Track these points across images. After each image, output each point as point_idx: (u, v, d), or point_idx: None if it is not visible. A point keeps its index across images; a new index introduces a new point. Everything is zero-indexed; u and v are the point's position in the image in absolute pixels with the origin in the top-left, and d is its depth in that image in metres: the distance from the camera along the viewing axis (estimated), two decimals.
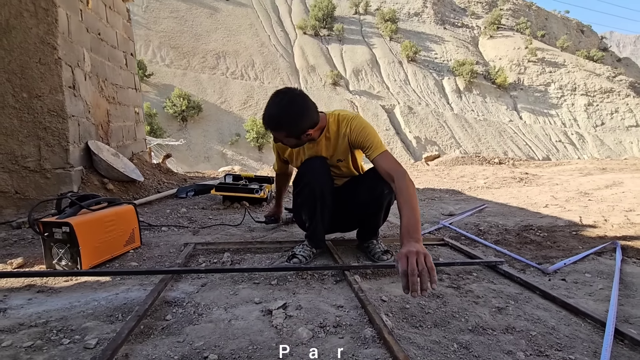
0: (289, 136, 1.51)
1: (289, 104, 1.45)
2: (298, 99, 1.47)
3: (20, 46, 2.37)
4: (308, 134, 1.52)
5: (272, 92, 1.50)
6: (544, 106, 37.03)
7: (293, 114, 1.45)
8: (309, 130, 1.51)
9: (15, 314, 1.21)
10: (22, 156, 2.47)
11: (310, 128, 1.51)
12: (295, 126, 1.47)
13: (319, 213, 1.67)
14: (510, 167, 6.68)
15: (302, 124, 1.48)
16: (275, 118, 1.45)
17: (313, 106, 1.52)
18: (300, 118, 1.47)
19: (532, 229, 2.35)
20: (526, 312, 1.27)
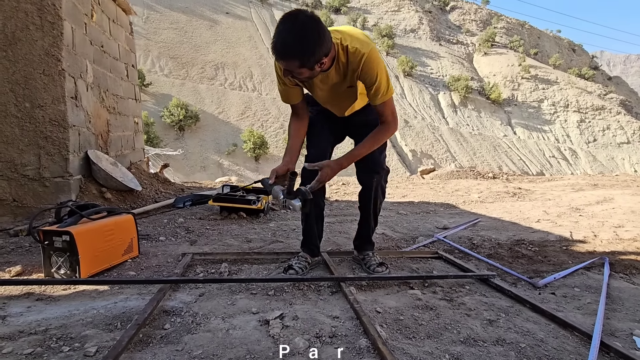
0: (303, 66, 1.33)
1: (302, 29, 1.27)
2: (312, 23, 1.28)
3: (25, 57, 2.42)
4: (322, 62, 1.36)
5: (281, 17, 1.31)
6: (538, 122, 37.69)
7: (307, 40, 1.28)
8: (323, 58, 1.35)
9: (15, 321, 1.23)
10: (22, 164, 2.50)
11: (325, 56, 1.35)
12: (311, 54, 1.30)
13: (312, 220, 1.75)
14: (504, 181, 6.78)
15: (318, 52, 1.31)
16: (288, 45, 1.28)
17: (327, 31, 1.34)
18: (315, 44, 1.29)
19: (524, 243, 2.40)
20: (516, 324, 1.31)
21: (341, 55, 1.45)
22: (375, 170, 1.72)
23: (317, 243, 1.83)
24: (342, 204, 3.95)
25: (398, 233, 2.69)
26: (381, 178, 1.76)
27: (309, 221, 1.76)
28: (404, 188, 5.50)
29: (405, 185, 5.82)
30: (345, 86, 1.54)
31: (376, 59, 1.45)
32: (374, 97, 1.49)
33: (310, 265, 1.79)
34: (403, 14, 45.47)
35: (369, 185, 1.75)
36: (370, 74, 1.45)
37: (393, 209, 3.68)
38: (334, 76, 1.49)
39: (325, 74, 1.48)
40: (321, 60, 1.34)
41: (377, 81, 1.46)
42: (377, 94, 1.48)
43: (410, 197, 4.60)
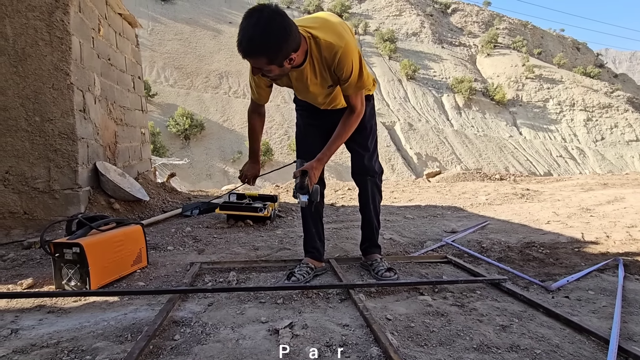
0: (271, 63, 1.29)
1: (268, 23, 1.22)
2: (277, 17, 1.24)
3: (35, 73, 2.47)
4: (291, 58, 1.32)
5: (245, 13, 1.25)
6: (544, 122, 37.35)
7: (273, 35, 1.23)
8: (292, 54, 1.31)
9: (27, 334, 1.24)
10: (32, 177, 2.53)
11: (293, 51, 1.31)
12: (278, 49, 1.26)
13: (309, 221, 1.83)
14: (512, 183, 6.71)
15: (285, 47, 1.27)
16: (254, 42, 1.23)
17: (294, 25, 1.30)
18: (282, 40, 1.25)
19: (534, 245, 2.36)
20: (530, 330, 1.29)
21: (314, 50, 1.40)
22: (370, 174, 1.82)
23: (317, 246, 1.85)
24: (348, 209, 3.94)
25: (406, 238, 2.67)
26: (375, 178, 1.84)
27: (306, 223, 1.85)
28: (410, 192, 5.47)
29: (411, 189, 5.79)
30: (326, 86, 1.53)
31: (351, 53, 1.41)
32: (347, 89, 1.50)
33: (314, 271, 1.78)
34: (404, 18, 45.64)
35: (364, 185, 1.84)
36: (346, 69, 1.42)
37: (400, 213, 3.65)
38: (309, 72, 1.46)
39: (299, 71, 1.44)
40: (289, 55, 1.30)
41: (352, 75, 1.44)
42: (351, 86, 1.48)
43: (416, 201, 4.57)
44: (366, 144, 1.80)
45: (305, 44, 1.38)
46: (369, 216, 1.88)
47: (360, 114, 1.57)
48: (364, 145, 1.79)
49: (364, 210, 1.89)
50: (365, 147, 1.80)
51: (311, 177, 1.46)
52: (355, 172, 1.85)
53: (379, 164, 1.87)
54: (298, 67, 1.43)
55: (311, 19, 1.45)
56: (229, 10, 38.93)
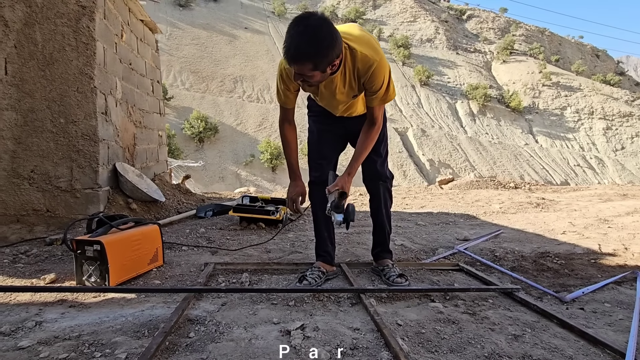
0: (315, 69, 1.33)
1: (315, 31, 1.27)
2: (324, 25, 1.29)
3: (61, 77, 2.58)
4: (334, 64, 1.36)
5: (292, 20, 1.30)
6: (561, 130, 36.55)
7: (321, 43, 1.28)
8: (335, 60, 1.35)
9: (50, 327, 1.29)
10: (56, 177, 2.63)
11: (336, 57, 1.35)
12: (324, 57, 1.30)
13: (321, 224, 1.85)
14: (527, 191, 6.59)
15: (331, 54, 1.32)
16: (301, 49, 1.28)
17: (338, 32, 1.35)
18: (329, 47, 1.30)
19: (549, 256, 2.32)
20: (543, 340, 1.27)
21: (348, 60, 1.45)
22: (382, 179, 1.87)
23: (329, 250, 1.87)
24: (359, 214, 3.94)
25: (417, 244, 2.66)
26: (387, 184, 1.89)
27: (318, 227, 1.87)
28: (422, 198, 5.44)
29: (423, 196, 5.75)
30: (351, 95, 1.58)
31: (384, 68, 1.48)
32: (372, 101, 1.55)
33: (326, 275, 1.80)
34: (419, 24, 45.55)
35: (376, 190, 1.88)
36: (377, 82, 1.48)
37: (412, 220, 3.64)
38: (339, 81, 1.50)
39: (330, 79, 1.47)
40: (333, 62, 1.35)
41: (381, 89, 1.51)
42: (377, 99, 1.54)
43: (428, 208, 4.54)
44: (379, 149, 1.82)
45: (341, 53, 1.42)
46: (381, 221, 1.90)
47: (380, 127, 1.63)
48: (377, 151, 1.81)
49: (376, 215, 1.91)
50: (378, 153, 1.83)
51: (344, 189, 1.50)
52: (367, 178, 1.88)
53: (389, 169, 1.92)
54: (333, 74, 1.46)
55: (346, 30, 1.49)
56: (245, 16, 39.60)
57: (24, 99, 2.55)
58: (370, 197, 1.91)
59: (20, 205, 2.60)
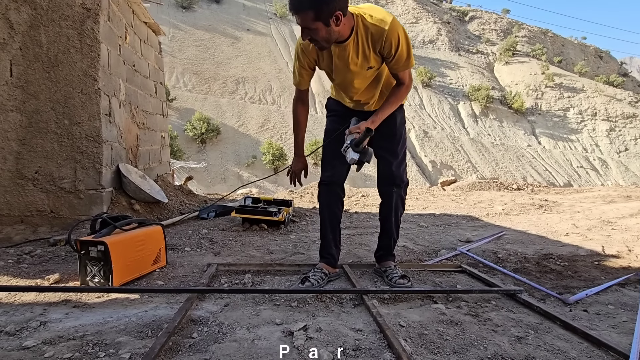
0: (317, 19, 1.36)
1: None
2: None
3: (66, 78, 2.60)
4: (337, 17, 1.37)
5: None
6: (564, 131, 36.42)
7: None
8: (337, 12, 1.36)
9: (55, 327, 1.30)
10: (60, 178, 2.65)
11: (340, 10, 1.37)
12: (324, 3, 1.34)
13: (327, 225, 1.83)
14: (529, 193, 6.57)
15: (331, 3, 1.35)
16: (297, 3, 1.36)
17: None
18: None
19: (552, 257, 2.32)
20: (546, 342, 1.27)
21: (360, 28, 1.49)
22: (396, 183, 1.80)
23: (332, 252, 1.86)
24: (362, 215, 3.94)
25: (419, 246, 2.66)
26: (401, 190, 1.81)
27: (324, 228, 1.86)
28: (425, 200, 5.43)
29: (425, 197, 5.75)
30: (366, 67, 1.56)
31: (398, 29, 1.49)
32: (395, 65, 1.54)
33: (328, 277, 1.80)
34: (421, 25, 45.56)
35: (389, 197, 1.81)
36: (394, 44, 1.48)
37: (414, 221, 3.64)
38: (351, 49, 1.52)
39: (342, 47, 1.51)
40: (335, 13, 1.36)
41: (399, 50, 1.50)
42: (400, 62, 1.53)
43: (431, 209, 4.54)
44: (395, 150, 1.78)
45: (353, 20, 1.47)
46: (389, 227, 1.87)
47: (409, 87, 1.63)
48: (393, 152, 1.78)
49: (386, 221, 1.87)
50: (395, 154, 1.78)
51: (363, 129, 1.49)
52: (381, 181, 1.82)
53: (406, 175, 1.85)
54: (342, 43, 1.49)
55: (357, 7, 1.54)
56: (247, 18, 39.71)
57: (29, 101, 2.57)
58: (382, 201, 1.86)
59: (24, 206, 2.61)
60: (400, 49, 1.49)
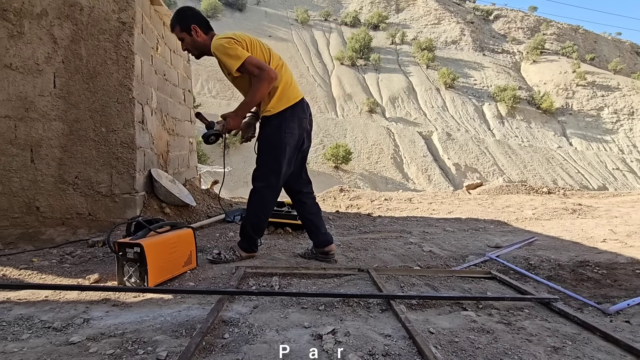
0: (182, 30, 2.02)
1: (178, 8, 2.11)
2: (185, 6, 2.12)
3: (103, 88, 2.75)
4: (195, 29, 2.01)
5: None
6: (597, 132, 34.65)
7: (178, 11, 2.09)
8: (193, 25, 2.01)
9: (97, 324, 1.37)
10: (97, 182, 2.80)
11: (195, 24, 2.01)
12: (181, 20, 2.02)
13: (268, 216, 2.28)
14: (561, 197, 6.29)
15: (186, 19, 2.02)
16: (171, 20, 2.07)
17: (199, 13, 2.09)
18: (183, 14, 2.05)
19: (588, 265, 2.21)
20: (586, 354, 1.22)
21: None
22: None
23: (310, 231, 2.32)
24: (385, 219, 3.91)
25: (446, 251, 2.61)
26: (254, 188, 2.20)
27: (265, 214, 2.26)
28: (450, 204, 5.32)
29: (450, 201, 5.63)
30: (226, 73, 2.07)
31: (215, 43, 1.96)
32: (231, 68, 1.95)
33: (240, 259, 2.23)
34: (444, 26, 44.79)
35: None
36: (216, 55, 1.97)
37: (439, 226, 3.57)
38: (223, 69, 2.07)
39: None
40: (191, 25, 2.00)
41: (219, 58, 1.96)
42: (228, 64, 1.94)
43: (456, 214, 4.44)
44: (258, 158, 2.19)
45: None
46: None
47: (260, 77, 1.94)
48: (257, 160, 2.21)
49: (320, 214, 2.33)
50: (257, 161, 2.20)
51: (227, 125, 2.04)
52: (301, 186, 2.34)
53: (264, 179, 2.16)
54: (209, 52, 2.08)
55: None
56: (269, 24, 40.43)
57: (70, 110, 2.73)
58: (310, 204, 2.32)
59: (65, 209, 2.77)
60: (219, 58, 1.96)
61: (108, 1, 2.72)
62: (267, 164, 2.10)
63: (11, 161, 2.71)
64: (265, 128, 2.09)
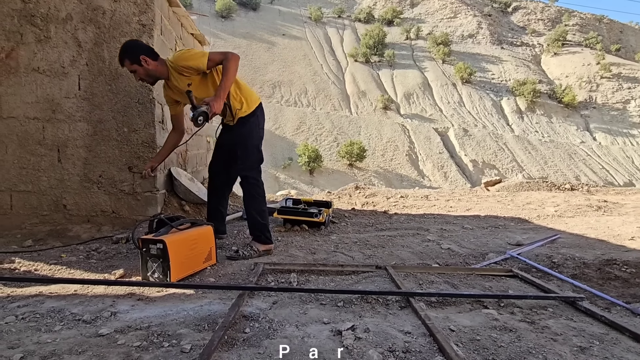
0: (132, 63, 2.12)
1: (124, 43, 2.21)
2: (128, 40, 2.29)
3: (125, 90, 2.82)
4: (145, 59, 2.12)
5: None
6: (623, 126, 33.26)
7: (124, 46, 2.17)
8: (142, 55, 2.11)
9: (124, 317, 1.42)
10: (120, 181, 2.88)
11: (143, 54, 2.11)
12: (130, 53, 2.12)
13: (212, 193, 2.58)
14: (585, 193, 6.09)
15: (135, 50, 2.13)
16: (118, 56, 2.18)
17: (143, 44, 2.23)
18: (130, 48, 2.14)
19: (616, 263, 2.14)
20: (615, 354, 1.18)
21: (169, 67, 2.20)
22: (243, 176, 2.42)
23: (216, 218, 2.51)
24: (402, 217, 3.88)
25: (465, 248, 2.57)
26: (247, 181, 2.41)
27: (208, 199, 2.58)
28: (468, 201, 5.23)
29: (468, 198, 5.53)
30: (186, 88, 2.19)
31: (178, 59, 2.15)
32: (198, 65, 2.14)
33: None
34: (460, 19, 43.85)
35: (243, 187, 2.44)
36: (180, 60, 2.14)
37: (457, 223, 3.52)
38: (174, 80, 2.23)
39: (177, 82, 2.22)
40: (140, 55, 2.11)
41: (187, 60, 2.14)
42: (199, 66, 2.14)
43: (475, 211, 4.36)
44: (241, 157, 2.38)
45: (165, 64, 2.20)
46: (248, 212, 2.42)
47: (227, 58, 2.11)
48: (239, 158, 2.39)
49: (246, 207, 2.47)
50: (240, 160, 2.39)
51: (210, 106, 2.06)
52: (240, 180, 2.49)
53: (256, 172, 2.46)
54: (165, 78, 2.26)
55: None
56: (282, 23, 40.58)
57: (94, 111, 2.82)
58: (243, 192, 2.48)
59: (90, 207, 2.87)
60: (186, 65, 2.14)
61: (129, 4, 2.79)
62: (254, 155, 2.41)
63: (40, 161, 2.82)
64: (243, 127, 2.34)
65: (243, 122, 2.34)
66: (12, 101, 2.79)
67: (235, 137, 2.34)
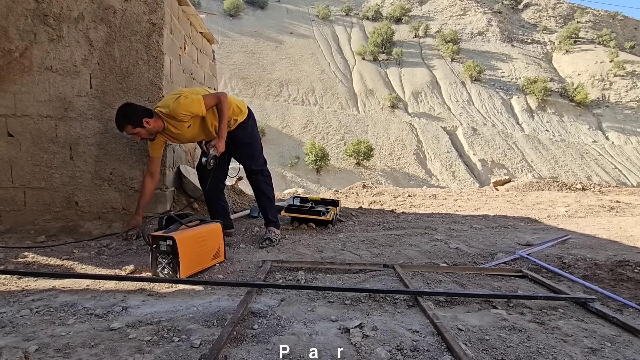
0: (135, 127, 2.21)
1: (120, 109, 2.27)
2: (125, 106, 2.30)
3: (135, 88, 2.86)
4: (147, 121, 2.21)
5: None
6: (637, 125, 32.57)
7: (123, 113, 2.24)
8: (144, 118, 2.20)
9: (134, 312, 1.45)
10: (130, 178, 2.92)
11: (144, 117, 2.21)
12: (131, 119, 2.20)
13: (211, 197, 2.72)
14: (597, 193, 5.98)
15: (135, 115, 2.21)
16: (117, 122, 2.25)
17: (139, 106, 2.31)
18: (130, 112, 2.22)
19: (628, 264, 2.10)
20: (627, 356, 1.17)
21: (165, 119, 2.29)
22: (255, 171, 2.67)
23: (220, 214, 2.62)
24: (409, 216, 3.87)
25: (473, 248, 2.55)
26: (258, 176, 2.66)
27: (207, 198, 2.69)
28: (476, 200, 5.18)
29: (477, 198, 5.48)
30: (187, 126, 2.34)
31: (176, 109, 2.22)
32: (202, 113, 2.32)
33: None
34: (469, 17, 43.33)
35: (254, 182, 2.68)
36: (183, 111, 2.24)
37: (466, 223, 3.49)
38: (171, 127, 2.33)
39: (175, 128, 2.33)
40: (142, 120, 2.21)
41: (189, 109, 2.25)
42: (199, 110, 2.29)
43: (484, 210, 4.32)
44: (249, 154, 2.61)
45: (160, 118, 2.29)
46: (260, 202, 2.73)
47: (221, 102, 2.31)
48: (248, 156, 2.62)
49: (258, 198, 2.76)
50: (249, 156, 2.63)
51: (217, 148, 2.30)
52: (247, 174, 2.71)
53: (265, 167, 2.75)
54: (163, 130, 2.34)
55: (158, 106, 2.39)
56: (290, 21, 40.57)
57: (105, 109, 2.86)
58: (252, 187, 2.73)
59: (101, 204, 2.92)
60: (186, 112, 2.24)
61: (139, 3, 2.82)
62: (260, 151, 2.67)
63: (52, 158, 2.88)
64: (244, 130, 2.53)
65: (243, 126, 2.54)
66: (25, 99, 2.85)
67: (239, 139, 2.53)
